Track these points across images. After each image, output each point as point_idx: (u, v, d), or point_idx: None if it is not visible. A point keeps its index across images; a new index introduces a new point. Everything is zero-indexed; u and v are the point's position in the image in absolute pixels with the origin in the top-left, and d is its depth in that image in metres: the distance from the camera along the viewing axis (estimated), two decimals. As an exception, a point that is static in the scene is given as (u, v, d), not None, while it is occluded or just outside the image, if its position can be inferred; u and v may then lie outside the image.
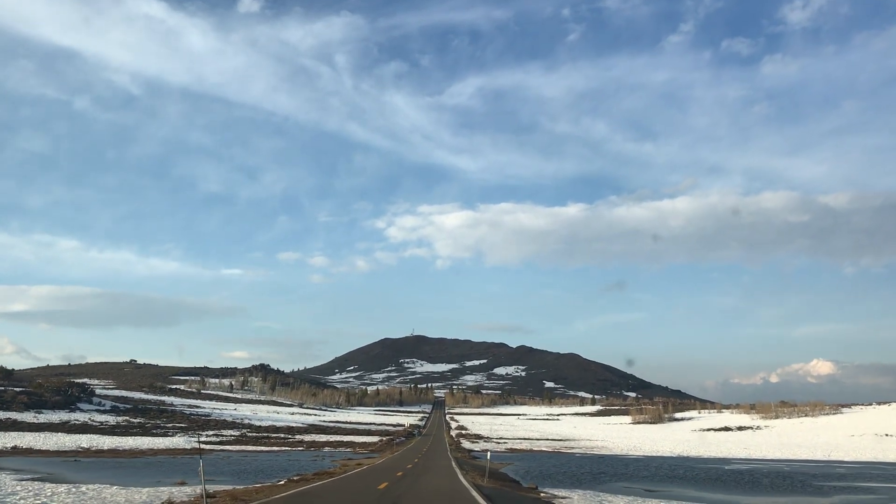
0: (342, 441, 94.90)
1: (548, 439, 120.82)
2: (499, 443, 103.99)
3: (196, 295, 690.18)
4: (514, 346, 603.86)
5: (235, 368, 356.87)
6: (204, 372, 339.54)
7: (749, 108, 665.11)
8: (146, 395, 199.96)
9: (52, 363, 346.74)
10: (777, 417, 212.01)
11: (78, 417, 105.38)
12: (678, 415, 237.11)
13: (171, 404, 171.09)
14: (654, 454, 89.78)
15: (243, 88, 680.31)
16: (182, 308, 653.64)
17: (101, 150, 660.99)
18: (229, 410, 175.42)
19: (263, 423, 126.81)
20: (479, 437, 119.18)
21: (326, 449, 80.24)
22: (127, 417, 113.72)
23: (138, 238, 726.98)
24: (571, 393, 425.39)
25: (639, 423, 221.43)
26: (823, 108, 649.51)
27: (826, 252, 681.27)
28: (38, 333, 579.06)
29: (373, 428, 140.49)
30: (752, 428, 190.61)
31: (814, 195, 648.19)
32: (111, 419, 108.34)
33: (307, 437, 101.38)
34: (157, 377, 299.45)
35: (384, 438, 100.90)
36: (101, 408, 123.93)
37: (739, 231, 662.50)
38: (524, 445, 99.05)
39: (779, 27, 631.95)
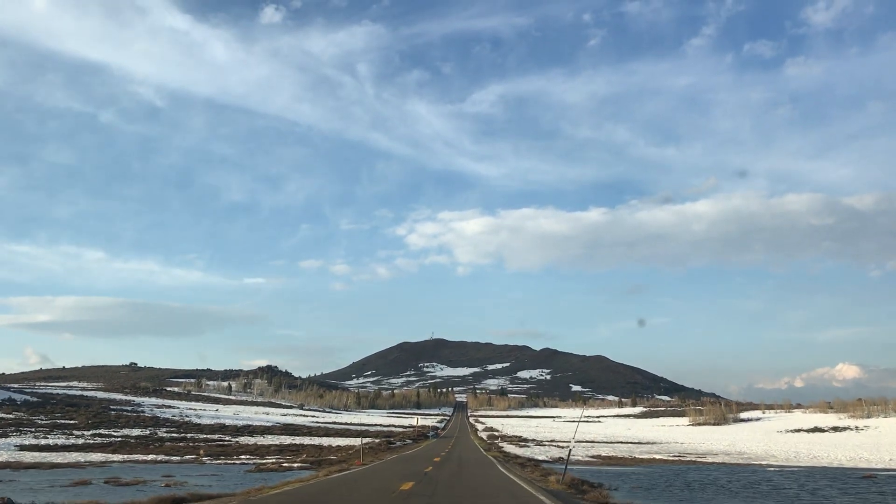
0: (302, 445, 53.71)
1: (620, 442, 78.68)
2: (561, 447, 62.29)
3: (219, 304, 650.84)
4: (538, 349, 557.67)
5: (240, 370, 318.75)
6: (206, 374, 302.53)
7: (772, 110, 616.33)
8: (125, 395, 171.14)
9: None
10: (869, 416, 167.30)
11: None
12: (743, 415, 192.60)
13: (139, 404, 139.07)
14: (856, 464, 47.15)
15: (266, 99, 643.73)
16: (205, 317, 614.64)
17: (126, 161, 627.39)
18: (206, 411, 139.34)
19: (210, 423, 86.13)
20: (523, 439, 77.21)
21: (244, 457, 39.11)
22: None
23: (162, 248, 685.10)
24: (600, 397, 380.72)
25: (699, 424, 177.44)
26: (848, 110, 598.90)
27: (851, 255, 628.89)
28: (61, 343, 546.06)
29: (373, 429, 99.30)
30: (851, 428, 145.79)
31: (839, 197, 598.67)
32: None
33: (250, 440, 60.24)
34: (154, 379, 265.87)
35: (377, 441, 59.60)
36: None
37: (764, 234, 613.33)
38: (606, 451, 57.38)
39: (802, 29, 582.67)
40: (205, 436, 63.85)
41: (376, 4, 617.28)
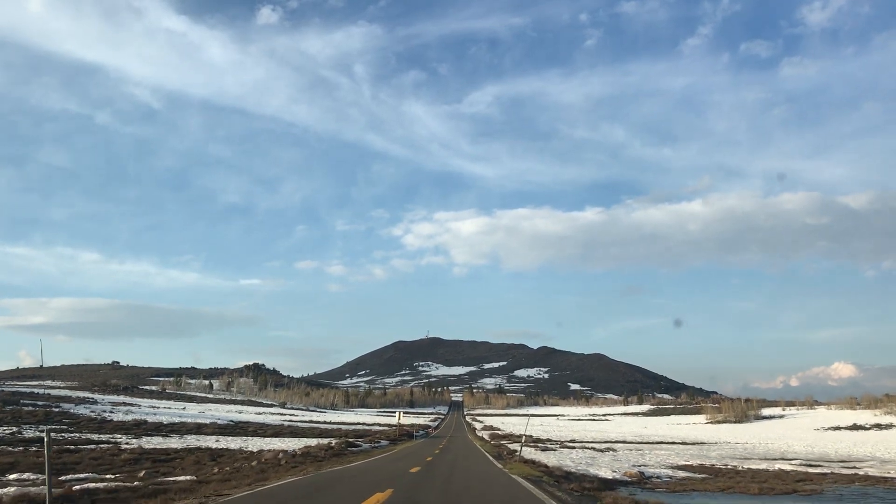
0: (200, 448, 34.03)
1: (662, 442, 59.05)
2: (601, 451, 42.61)
3: (214, 305, 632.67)
4: (535, 348, 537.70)
5: (225, 369, 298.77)
6: (189, 373, 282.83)
7: (768, 111, 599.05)
8: (91, 393, 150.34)
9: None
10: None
11: None
12: (765, 412, 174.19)
13: (95, 401, 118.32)
14: None
15: (263, 100, 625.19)
16: (201, 319, 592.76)
17: (122, 163, 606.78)
18: (171, 409, 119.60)
19: (127, 420, 66.50)
20: (539, 440, 57.34)
21: (15, 477, 19.50)
22: None
23: (158, 250, 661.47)
24: (600, 395, 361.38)
25: (719, 422, 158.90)
26: (844, 110, 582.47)
27: (847, 255, 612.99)
28: (55, 345, 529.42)
29: (349, 428, 79.66)
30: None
31: (834, 196, 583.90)
32: None
33: (148, 442, 40.46)
34: (134, 378, 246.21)
35: (334, 443, 39.81)
36: None
37: (759, 234, 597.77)
38: (664, 454, 37.67)
39: (798, 28, 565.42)
40: (93, 436, 44.30)
41: (373, 5, 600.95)
